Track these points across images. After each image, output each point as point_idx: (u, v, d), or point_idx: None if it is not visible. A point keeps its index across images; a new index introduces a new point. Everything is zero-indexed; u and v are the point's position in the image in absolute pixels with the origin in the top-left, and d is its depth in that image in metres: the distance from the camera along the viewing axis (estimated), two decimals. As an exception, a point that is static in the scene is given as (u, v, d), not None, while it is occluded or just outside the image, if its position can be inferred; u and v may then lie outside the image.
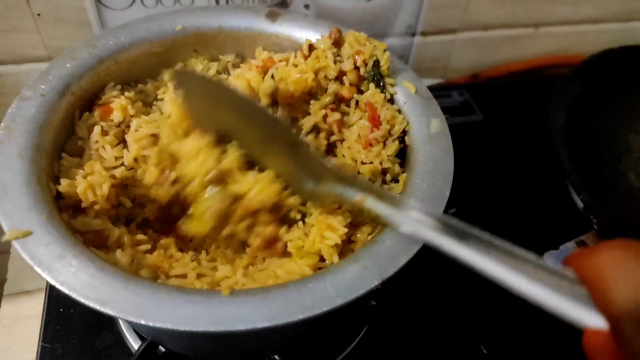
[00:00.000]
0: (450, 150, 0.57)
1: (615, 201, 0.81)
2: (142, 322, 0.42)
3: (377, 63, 0.64)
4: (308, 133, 0.63)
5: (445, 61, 1.10)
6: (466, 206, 0.78)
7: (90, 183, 0.54)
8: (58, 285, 0.43)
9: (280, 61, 0.67)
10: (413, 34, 1.02)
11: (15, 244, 0.46)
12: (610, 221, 0.73)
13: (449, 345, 0.69)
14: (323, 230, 0.52)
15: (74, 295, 0.43)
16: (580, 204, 0.75)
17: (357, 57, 0.64)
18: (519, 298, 0.38)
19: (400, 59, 1.04)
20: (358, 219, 0.56)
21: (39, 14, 0.81)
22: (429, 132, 0.59)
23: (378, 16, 0.97)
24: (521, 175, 0.88)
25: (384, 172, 0.60)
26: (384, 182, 0.60)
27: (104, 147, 0.59)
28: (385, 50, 0.65)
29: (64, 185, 0.52)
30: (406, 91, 0.64)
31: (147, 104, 0.66)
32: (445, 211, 0.54)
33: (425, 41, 1.04)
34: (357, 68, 0.64)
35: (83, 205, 0.54)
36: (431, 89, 1.04)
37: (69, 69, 0.60)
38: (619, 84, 0.94)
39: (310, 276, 0.47)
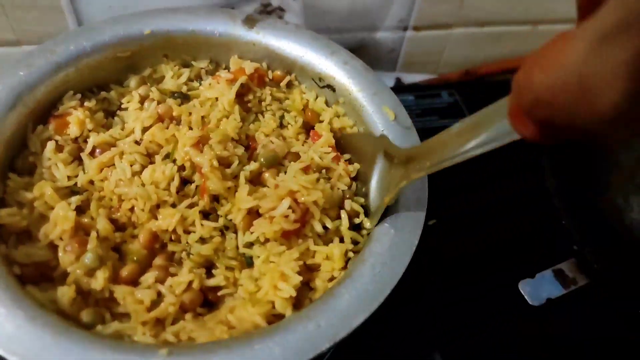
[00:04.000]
0: (425, 190, 0.54)
1: (600, 225, 0.77)
2: (69, 385, 0.39)
3: None
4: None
5: (438, 56, 1.06)
6: (446, 218, 0.76)
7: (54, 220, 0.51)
8: (-21, 338, 0.41)
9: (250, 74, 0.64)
10: (405, 28, 0.98)
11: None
12: (591, 249, 0.71)
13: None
14: (276, 281, 0.48)
15: (-5, 350, 0.40)
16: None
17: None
18: None
19: (391, 53, 1.02)
20: (314, 263, 0.53)
21: (4, -4, 0.76)
22: (404, 168, 0.56)
23: (369, 9, 0.93)
24: (504, 189, 0.84)
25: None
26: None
27: (56, 164, 0.55)
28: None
29: (3, 215, 0.49)
30: (385, 117, 0.60)
31: (110, 113, 0.62)
32: (426, 222, 0.52)
33: (417, 36, 1.00)
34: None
35: (43, 242, 0.51)
36: (421, 87, 1.03)
37: (22, 77, 0.56)
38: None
39: (257, 334, 0.44)
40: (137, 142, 0.58)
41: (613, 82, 0.27)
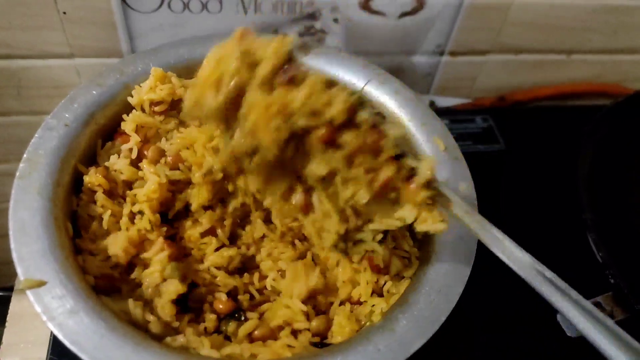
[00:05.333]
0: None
1: (638, 259, 0.78)
2: (149, 394, 0.42)
3: None
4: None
5: (472, 81, 1.08)
6: (486, 248, 0.77)
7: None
8: (69, 345, 0.43)
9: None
10: (442, 53, 1.00)
11: (29, 294, 0.45)
12: (628, 283, 0.72)
13: None
14: None
15: (83, 357, 0.43)
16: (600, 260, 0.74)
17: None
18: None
19: (427, 77, 1.04)
20: None
21: (64, 13, 0.79)
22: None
23: (408, 34, 0.95)
24: (538, 218, 0.85)
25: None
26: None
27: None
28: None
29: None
30: (435, 147, 0.62)
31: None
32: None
33: (453, 61, 1.02)
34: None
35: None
36: (455, 111, 1.05)
37: (95, 96, 0.59)
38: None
39: (320, 354, 0.46)
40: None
41: None
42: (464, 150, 0.95)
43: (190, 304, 0.54)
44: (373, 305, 0.54)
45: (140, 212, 0.56)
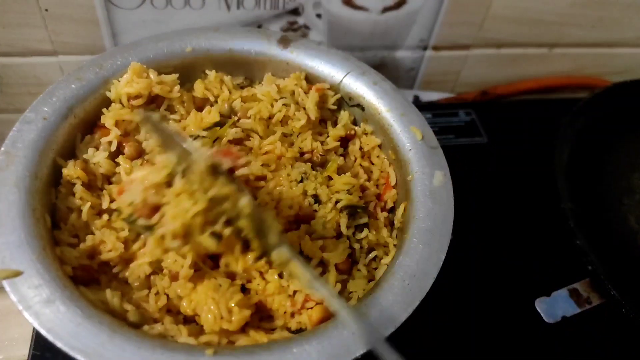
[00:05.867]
0: (451, 207, 0.57)
1: (613, 246, 0.80)
2: (125, 379, 0.42)
3: None
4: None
5: (455, 76, 1.09)
6: (459, 239, 0.78)
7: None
8: (44, 333, 0.44)
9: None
10: (425, 48, 1.01)
11: (5, 284, 0.46)
12: (605, 270, 0.73)
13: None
14: None
15: (59, 344, 0.43)
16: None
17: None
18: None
19: (410, 72, 1.05)
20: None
21: (46, 10, 0.79)
22: (431, 186, 0.59)
23: (390, 29, 0.96)
24: (520, 209, 0.86)
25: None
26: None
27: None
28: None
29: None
30: (413, 137, 0.63)
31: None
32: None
33: (436, 55, 1.03)
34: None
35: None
36: (439, 105, 1.05)
37: (74, 90, 0.60)
38: (628, 119, 0.92)
39: (295, 339, 0.47)
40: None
41: None
42: (447, 143, 0.95)
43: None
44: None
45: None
